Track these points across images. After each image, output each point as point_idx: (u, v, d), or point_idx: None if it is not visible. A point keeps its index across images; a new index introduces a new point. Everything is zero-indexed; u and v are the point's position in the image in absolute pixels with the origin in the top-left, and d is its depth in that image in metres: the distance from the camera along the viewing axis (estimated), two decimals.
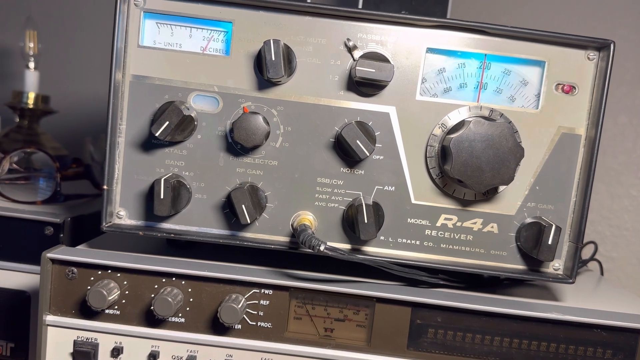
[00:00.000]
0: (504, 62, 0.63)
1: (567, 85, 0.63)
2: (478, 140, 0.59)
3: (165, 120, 0.59)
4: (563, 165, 0.64)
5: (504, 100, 0.63)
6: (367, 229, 0.60)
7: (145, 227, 0.65)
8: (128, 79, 0.64)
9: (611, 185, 1.19)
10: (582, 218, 0.63)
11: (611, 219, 1.20)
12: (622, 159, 1.18)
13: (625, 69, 1.15)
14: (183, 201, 0.63)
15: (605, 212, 1.20)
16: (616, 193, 1.20)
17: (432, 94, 0.64)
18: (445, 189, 0.64)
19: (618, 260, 1.19)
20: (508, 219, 0.65)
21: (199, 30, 0.64)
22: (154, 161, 0.64)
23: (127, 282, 0.62)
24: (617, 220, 1.20)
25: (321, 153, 0.64)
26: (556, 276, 0.64)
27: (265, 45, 0.59)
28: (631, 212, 1.20)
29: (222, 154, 0.64)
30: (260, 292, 0.62)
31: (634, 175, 1.19)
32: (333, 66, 0.63)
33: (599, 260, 0.94)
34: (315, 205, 0.65)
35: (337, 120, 0.64)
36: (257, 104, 0.64)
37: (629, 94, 1.16)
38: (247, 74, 0.63)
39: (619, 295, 0.75)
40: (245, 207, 0.60)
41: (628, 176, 1.19)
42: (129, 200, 0.65)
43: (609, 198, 1.20)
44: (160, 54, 0.64)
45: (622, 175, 1.19)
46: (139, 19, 0.63)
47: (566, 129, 0.64)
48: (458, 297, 0.63)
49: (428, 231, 0.65)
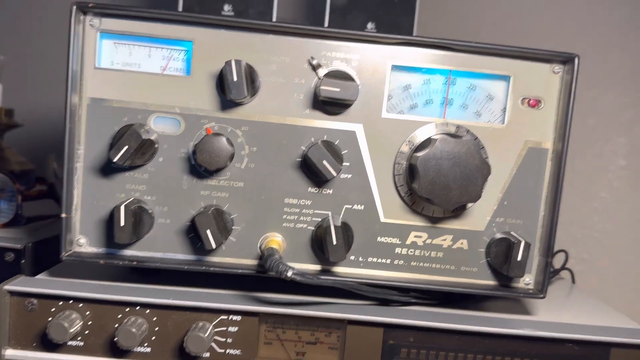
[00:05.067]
0: (469, 77, 0.62)
1: (532, 100, 0.63)
2: (445, 158, 0.58)
3: (123, 145, 0.57)
4: (531, 180, 0.64)
5: (470, 116, 0.63)
6: (336, 251, 0.59)
7: (107, 254, 0.63)
8: (85, 102, 0.62)
9: (581, 187, 1.20)
10: (551, 232, 0.63)
11: (581, 221, 1.21)
12: (591, 161, 1.19)
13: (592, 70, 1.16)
14: (145, 227, 0.61)
15: (576, 214, 1.21)
16: (586, 195, 1.21)
17: (399, 111, 0.63)
18: (414, 207, 0.64)
19: (589, 261, 1.20)
20: (477, 235, 0.64)
21: (158, 49, 0.62)
22: (114, 186, 0.62)
23: (89, 313, 0.60)
24: (588, 222, 1.21)
25: (288, 173, 0.63)
26: (527, 291, 0.64)
27: (227, 66, 0.57)
28: (601, 213, 1.21)
29: (185, 177, 0.62)
30: (228, 319, 0.60)
31: (603, 177, 1.20)
32: (298, 85, 0.62)
33: (570, 268, 0.94)
34: (283, 227, 0.64)
35: (303, 140, 0.63)
36: (220, 125, 0.62)
37: (598, 97, 1.17)
38: (209, 94, 0.62)
39: (591, 306, 0.75)
40: (210, 231, 0.58)
41: (598, 178, 1.20)
42: (89, 227, 0.63)
43: (579, 200, 1.20)
44: (118, 75, 0.61)
45: (591, 177, 1.20)
46: (95, 40, 0.61)
47: (533, 143, 0.63)
48: (430, 315, 0.62)
49: (398, 249, 0.65)
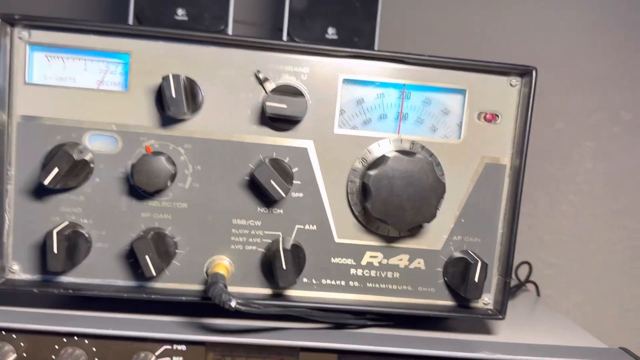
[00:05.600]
0: (424, 91, 0.60)
1: (489, 114, 0.61)
2: (397, 177, 0.55)
3: (53, 167, 0.53)
4: (488, 197, 0.61)
5: (425, 131, 0.60)
6: (285, 276, 0.56)
7: (42, 282, 0.59)
8: (15, 120, 0.57)
9: (549, 191, 1.19)
10: (510, 250, 0.60)
11: (551, 225, 1.20)
12: (559, 164, 1.18)
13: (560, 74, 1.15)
14: (81, 252, 0.57)
15: (545, 218, 1.20)
16: (554, 199, 1.19)
17: (352, 126, 0.60)
18: (368, 226, 0.61)
19: (558, 266, 1.19)
20: (434, 254, 0.62)
21: (94, 62, 0.58)
22: (48, 209, 0.58)
23: (24, 344, 0.56)
24: (556, 225, 1.20)
25: (236, 193, 0.60)
26: (486, 312, 0.62)
27: (164, 82, 0.53)
28: (570, 217, 1.20)
29: (124, 198, 0.58)
30: (172, 349, 0.57)
31: (571, 181, 1.19)
32: (244, 99, 0.59)
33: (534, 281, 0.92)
34: (231, 249, 0.60)
35: (251, 157, 0.59)
36: (161, 142, 0.58)
37: (565, 101, 1.16)
38: (148, 109, 0.58)
39: (553, 322, 0.73)
40: (149, 258, 0.55)
41: (566, 182, 1.19)
42: (22, 252, 0.59)
43: (548, 204, 1.19)
44: (50, 91, 0.57)
45: (559, 180, 1.19)
46: (24, 53, 0.57)
47: (490, 159, 0.61)
48: (386, 339, 0.60)
49: (353, 270, 0.62)
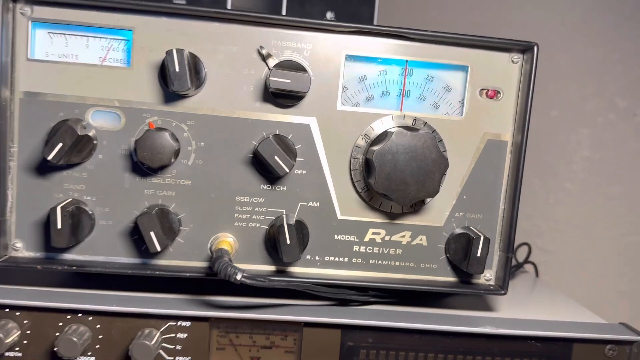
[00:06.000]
0: (426, 67, 0.60)
1: (491, 90, 0.61)
2: (401, 152, 0.55)
3: (57, 142, 0.53)
4: (490, 173, 0.62)
5: (427, 108, 0.60)
6: (290, 251, 0.56)
7: (45, 259, 0.59)
8: (18, 97, 0.57)
9: (546, 179, 1.19)
10: (512, 226, 0.61)
11: (547, 212, 1.21)
12: (555, 152, 1.19)
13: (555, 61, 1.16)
14: (85, 229, 0.57)
15: (541, 206, 1.20)
16: (551, 187, 1.20)
17: (354, 103, 0.60)
18: (371, 203, 0.61)
19: (554, 253, 1.20)
20: (437, 231, 0.62)
21: (97, 39, 0.57)
22: (51, 186, 0.58)
23: (28, 321, 0.56)
24: (553, 213, 1.21)
25: (239, 170, 0.60)
26: (488, 288, 0.62)
27: (168, 56, 0.53)
28: (566, 205, 1.21)
29: (127, 175, 0.58)
30: (176, 325, 0.57)
31: (567, 169, 1.20)
32: (247, 76, 0.59)
33: (533, 262, 0.93)
34: (234, 226, 0.60)
35: (254, 134, 0.59)
36: (164, 119, 0.58)
37: (561, 88, 1.17)
38: (151, 86, 0.58)
39: (553, 300, 0.74)
40: (154, 233, 0.55)
41: (562, 169, 1.20)
42: (25, 230, 0.59)
43: (544, 192, 1.20)
44: (53, 67, 0.57)
45: (556, 168, 1.20)
46: (27, 29, 0.57)
47: (492, 136, 0.61)
48: (389, 315, 0.60)
49: (356, 247, 0.62)
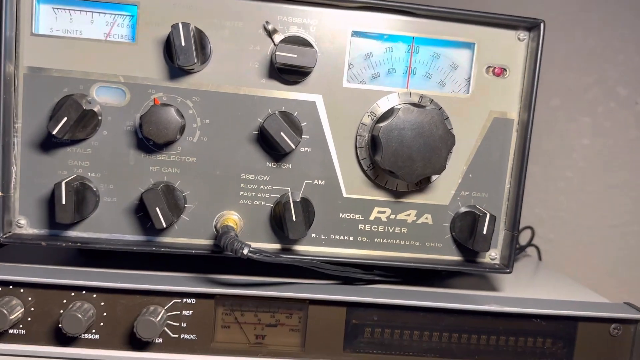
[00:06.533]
0: (432, 45, 0.60)
1: (497, 68, 0.61)
2: (408, 129, 0.55)
3: (62, 117, 0.53)
4: (496, 152, 0.62)
5: (433, 86, 0.60)
6: (296, 228, 0.56)
7: (49, 236, 0.58)
8: (22, 72, 0.57)
9: (546, 167, 1.19)
10: (517, 205, 0.61)
11: (547, 201, 1.21)
12: (555, 141, 1.19)
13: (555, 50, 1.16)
14: (89, 206, 0.57)
15: (541, 194, 1.20)
16: (551, 175, 1.20)
17: (360, 81, 0.60)
18: (377, 181, 0.61)
19: (555, 242, 1.20)
20: (442, 209, 0.62)
21: (101, 14, 0.57)
22: (56, 162, 0.58)
23: (31, 298, 0.56)
24: (553, 202, 1.21)
25: (244, 147, 0.59)
26: (493, 266, 0.62)
27: (174, 30, 0.53)
28: (566, 193, 1.21)
29: (132, 152, 0.58)
30: (182, 302, 0.57)
31: (567, 157, 1.20)
32: (253, 52, 0.58)
33: (536, 245, 0.93)
34: (240, 204, 0.60)
35: (259, 111, 0.59)
36: (169, 95, 0.58)
37: (561, 76, 1.16)
38: (156, 61, 0.57)
39: (557, 281, 0.74)
40: (159, 209, 0.54)
41: (562, 158, 1.20)
42: (29, 206, 0.58)
43: (544, 180, 1.20)
44: (57, 42, 0.57)
45: (556, 157, 1.20)
46: (31, 4, 0.56)
47: (498, 114, 0.61)
48: (394, 293, 0.60)
49: (361, 226, 0.62)
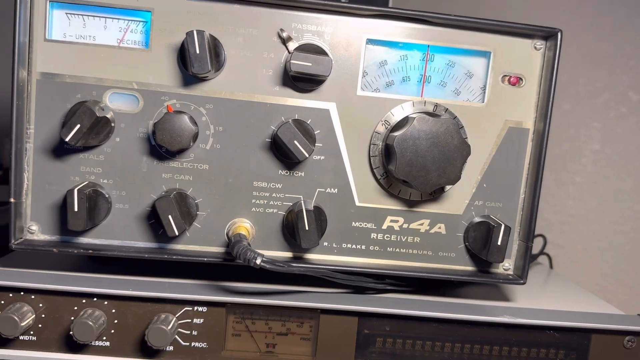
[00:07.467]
0: (447, 53, 0.59)
1: (513, 77, 0.60)
2: (422, 138, 0.55)
3: (75, 123, 0.52)
4: (511, 161, 0.61)
5: (448, 94, 0.60)
6: (308, 237, 0.56)
7: (61, 242, 0.58)
8: (35, 77, 0.57)
9: (556, 172, 1.19)
10: (532, 215, 0.60)
11: (557, 206, 1.20)
12: (566, 146, 1.18)
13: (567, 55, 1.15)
14: (101, 213, 0.56)
15: (551, 199, 1.20)
16: (561, 180, 1.19)
17: (374, 89, 0.59)
18: (390, 190, 0.60)
19: (565, 247, 1.20)
20: (456, 219, 0.62)
21: (115, 20, 0.57)
22: (68, 169, 0.57)
23: (42, 305, 0.56)
24: (563, 207, 1.20)
25: (257, 155, 0.59)
26: (507, 277, 0.62)
27: (188, 37, 0.53)
28: (576, 198, 1.20)
29: (145, 159, 0.58)
30: (193, 310, 0.57)
31: (577, 162, 1.19)
32: (266, 59, 0.58)
33: (547, 253, 0.93)
34: (252, 212, 0.60)
35: (273, 119, 0.59)
36: (182, 102, 0.57)
37: (572, 81, 1.16)
38: (170, 68, 0.57)
39: (570, 291, 0.73)
40: (172, 217, 0.54)
41: (572, 163, 1.19)
42: (41, 213, 0.58)
43: (554, 185, 1.19)
44: (70, 48, 0.56)
45: (566, 162, 1.19)
46: (45, 10, 0.56)
47: (513, 123, 0.61)
48: (406, 303, 0.60)
49: (374, 235, 0.61)
